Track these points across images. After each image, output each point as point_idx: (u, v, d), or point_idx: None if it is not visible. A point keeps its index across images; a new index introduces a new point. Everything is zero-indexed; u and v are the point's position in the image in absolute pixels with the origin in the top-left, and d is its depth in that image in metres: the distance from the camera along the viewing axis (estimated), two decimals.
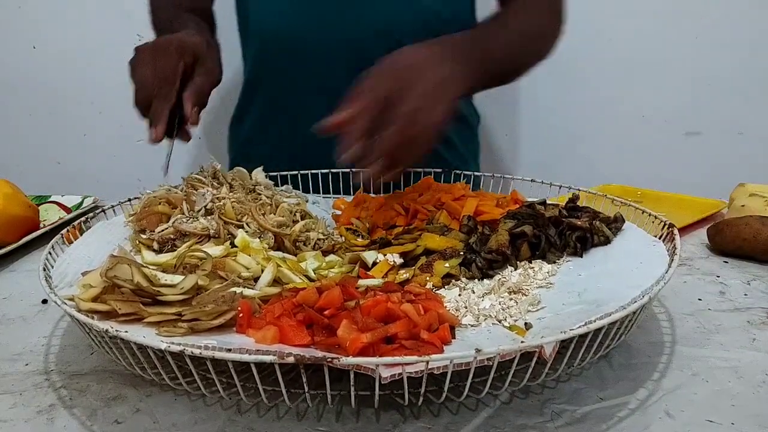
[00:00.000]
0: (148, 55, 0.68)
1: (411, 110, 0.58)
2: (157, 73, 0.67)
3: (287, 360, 0.36)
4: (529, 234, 0.58)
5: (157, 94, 0.67)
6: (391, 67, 0.62)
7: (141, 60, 0.68)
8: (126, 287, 0.46)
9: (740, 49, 1.30)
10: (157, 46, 0.70)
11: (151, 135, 0.67)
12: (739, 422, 0.42)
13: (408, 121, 0.58)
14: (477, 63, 0.70)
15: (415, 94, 0.59)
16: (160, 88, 0.67)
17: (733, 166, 1.29)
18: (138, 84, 0.68)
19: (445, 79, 0.62)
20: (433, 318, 0.44)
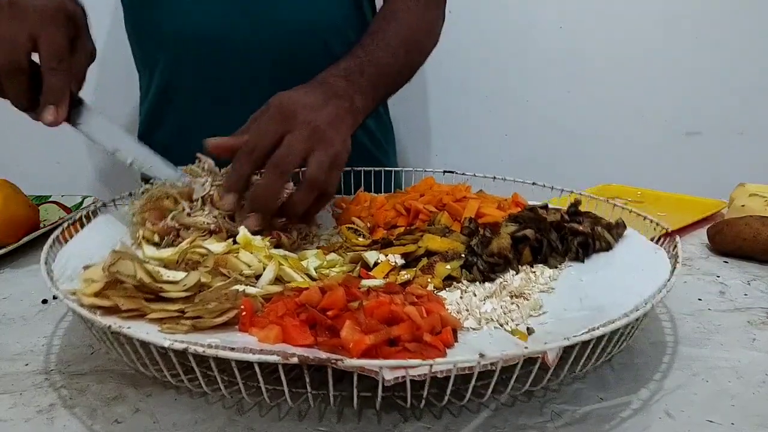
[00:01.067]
0: (24, 14, 0.58)
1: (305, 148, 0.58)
2: (47, 42, 0.58)
3: (291, 360, 0.36)
4: (531, 238, 0.58)
5: (53, 66, 0.58)
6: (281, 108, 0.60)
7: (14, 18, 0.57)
8: (129, 283, 0.46)
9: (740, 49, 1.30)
10: (37, 6, 0.58)
11: (46, 114, 0.59)
12: (739, 422, 0.42)
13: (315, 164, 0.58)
14: (367, 89, 0.69)
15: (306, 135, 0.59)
16: (57, 60, 0.58)
17: (733, 166, 1.29)
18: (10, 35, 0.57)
19: (338, 116, 0.62)
20: (436, 321, 0.44)
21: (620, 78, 1.35)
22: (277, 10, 0.85)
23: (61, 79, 0.59)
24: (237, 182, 0.60)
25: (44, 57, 0.58)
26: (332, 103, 0.63)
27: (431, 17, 0.87)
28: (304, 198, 0.60)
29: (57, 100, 0.59)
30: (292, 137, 0.58)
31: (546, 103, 1.38)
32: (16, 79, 0.58)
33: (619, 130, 1.39)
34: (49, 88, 0.59)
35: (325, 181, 0.59)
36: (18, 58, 0.57)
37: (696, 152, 1.37)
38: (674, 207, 0.85)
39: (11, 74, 0.58)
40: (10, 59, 0.57)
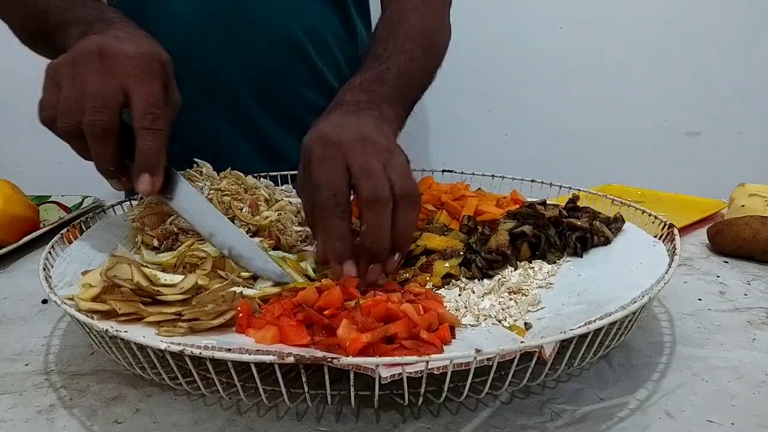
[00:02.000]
0: (115, 65, 0.50)
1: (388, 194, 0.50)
2: (142, 97, 0.50)
3: (287, 360, 0.36)
4: (529, 234, 0.58)
5: (147, 126, 0.50)
6: (322, 143, 0.52)
7: (104, 70, 0.50)
8: (126, 287, 0.46)
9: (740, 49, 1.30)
10: (129, 54, 0.51)
11: (141, 184, 0.51)
12: (739, 422, 0.42)
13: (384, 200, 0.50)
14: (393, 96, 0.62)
15: (369, 151, 0.51)
16: (152, 119, 0.50)
17: (733, 166, 1.29)
18: (94, 102, 0.49)
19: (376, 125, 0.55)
20: (433, 318, 0.44)
21: (620, 78, 1.35)
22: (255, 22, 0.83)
23: (156, 141, 0.51)
24: (345, 248, 0.51)
25: (138, 115, 0.50)
26: (364, 116, 0.56)
27: (441, 15, 0.81)
28: (412, 215, 0.51)
29: (152, 167, 0.51)
30: (361, 162, 0.49)
31: (546, 103, 1.39)
32: (106, 143, 0.50)
33: (619, 130, 1.39)
34: (143, 153, 0.50)
35: (416, 188, 0.52)
36: (109, 117, 0.49)
37: (696, 152, 1.37)
38: (674, 207, 0.85)
39: (102, 138, 0.49)
40: (100, 119, 0.49)
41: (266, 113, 0.88)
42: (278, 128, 0.89)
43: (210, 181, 0.67)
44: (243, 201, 0.66)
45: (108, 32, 0.53)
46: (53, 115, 0.50)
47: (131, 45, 0.51)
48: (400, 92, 0.64)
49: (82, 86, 0.49)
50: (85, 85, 0.49)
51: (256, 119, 0.88)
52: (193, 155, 0.71)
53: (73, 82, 0.49)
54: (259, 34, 0.83)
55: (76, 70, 0.50)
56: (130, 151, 0.51)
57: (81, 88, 0.49)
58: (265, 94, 0.86)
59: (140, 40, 0.53)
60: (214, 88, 0.84)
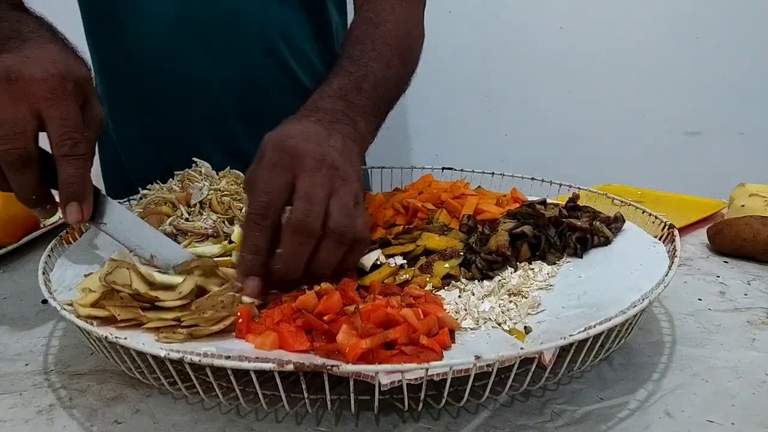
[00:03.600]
0: (25, 89, 0.46)
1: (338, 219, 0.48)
2: (58, 122, 0.47)
3: (287, 368, 0.36)
4: (529, 234, 0.58)
5: (67, 153, 0.47)
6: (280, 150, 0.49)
7: (14, 96, 0.46)
8: (125, 292, 0.46)
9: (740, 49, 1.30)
10: (39, 78, 0.47)
11: (70, 214, 0.49)
12: (739, 422, 0.42)
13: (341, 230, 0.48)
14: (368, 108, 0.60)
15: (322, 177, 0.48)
16: (71, 144, 0.47)
17: (733, 166, 1.29)
18: (4, 130, 0.46)
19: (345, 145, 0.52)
20: (433, 322, 0.44)
21: (620, 78, 1.35)
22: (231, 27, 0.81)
23: (79, 168, 0.48)
24: (255, 263, 0.48)
25: (56, 141, 0.47)
26: (336, 131, 0.53)
27: (417, 16, 0.77)
28: (335, 254, 0.49)
29: (79, 194, 0.49)
30: (306, 184, 0.47)
31: (546, 103, 1.39)
32: (25, 172, 0.47)
33: (619, 130, 1.39)
34: (66, 181, 0.48)
35: (355, 226, 0.49)
36: (24, 145, 0.46)
37: (696, 152, 1.37)
38: (674, 207, 0.85)
39: (18, 166, 0.47)
40: (15, 148, 0.46)
41: (241, 119, 0.87)
42: (251, 132, 0.87)
43: (209, 180, 0.68)
44: (242, 201, 0.66)
45: (19, 52, 0.49)
46: None
47: (41, 66, 0.47)
48: (376, 104, 0.61)
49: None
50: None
51: (231, 125, 0.87)
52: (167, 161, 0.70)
53: None
54: (235, 39, 0.82)
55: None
56: (52, 177, 0.48)
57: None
58: (240, 99, 0.86)
59: (53, 59, 0.49)
60: (189, 93, 0.84)
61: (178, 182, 0.68)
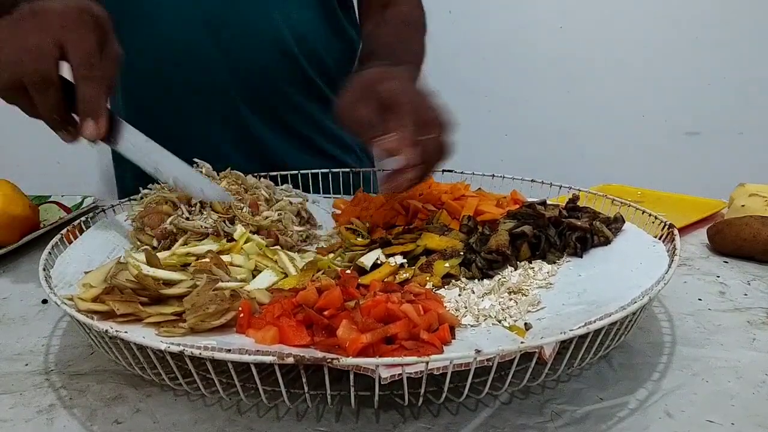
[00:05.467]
0: (47, 20, 0.52)
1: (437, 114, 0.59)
2: (76, 47, 0.52)
3: (287, 361, 0.36)
4: (529, 234, 0.58)
5: (85, 75, 0.52)
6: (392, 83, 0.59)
7: (37, 26, 0.52)
8: (127, 287, 0.46)
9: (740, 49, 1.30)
10: (59, 10, 0.53)
11: (86, 129, 0.54)
12: (739, 422, 0.42)
13: (441, 125, 0.58)
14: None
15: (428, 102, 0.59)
16: (88, 67, 0.52)
17: (733, 166, 1.30)
18: (31, 55, 0.51)
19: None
20: (433, 318, 0.44)
21: (620, 78, 1.35)
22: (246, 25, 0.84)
23: (95, 88, 0.53)
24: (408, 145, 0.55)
25: (75, 64, 0.52)
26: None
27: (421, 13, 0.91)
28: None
29: (94, 112, 0.54)
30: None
31: (546, 103, 1.39)
32: (48, 92, 0.52)
33: (619, 130, 1.39)
34: (84, 99, 0.53)
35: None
36: (47, 68, 0.51)
37: (696, 152, 1.37)
38: (674, 207, 0.85)
39: (42, 87, 0.52)
40: (39, 71, 0.51)
41: (256, 116, 0.89)
42: (268, 131, 0.91)
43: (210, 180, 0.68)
44: (243, 201, 0.66)
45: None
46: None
47: (61, 2, 0.53)
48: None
49: (19, 43, 0.52)
50: (21, 42, 0.52)
51: (246, 122, 0.89)
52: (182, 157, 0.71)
53: (11, 41, 0.52)
54: (249, 37, 0.84)
55: (12, 31, 0.52)
56: (73, 103, 0.54)
57: (18, 44, 0.52)
58: (255, 97, 0.88)
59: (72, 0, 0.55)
60: (204, 90, 0.85)
61: None
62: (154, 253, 0.51)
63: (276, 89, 0.89)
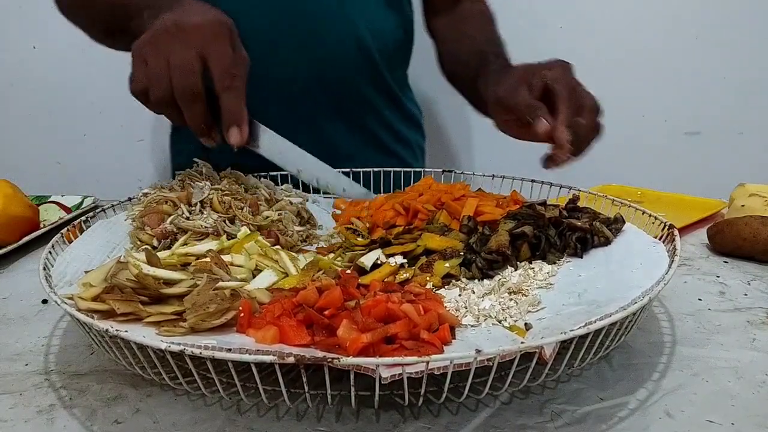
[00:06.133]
0: (189, 35, 0.56)
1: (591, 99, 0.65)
2: (218, 60, 0.56)
3: (287, 360, 0.36)
4: (529, 234, 0.58)
5: (227, 86, 0.56)
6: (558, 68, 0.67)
7: (181, 41, 0.56)
8: (128, 286, 0.46)
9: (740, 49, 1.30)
10: (200, 24, 0.57)
11: (232, 136, 0.58)
12: (739, 422, 0.42)
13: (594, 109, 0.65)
14: None
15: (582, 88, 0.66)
16: (230, 78, 0.56)
17: (733, 166, 1.29)
18: (180, 71, 0.55)
19: None
20: (433, 318, 0.44)
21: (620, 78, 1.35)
22: (324, 21, 0.85)
23: (236, 97, 0.57)
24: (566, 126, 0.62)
25: (218, 76, 0.56)
26: None
27: None
28: None
29: (238, 119, 0.58)
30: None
31: None
32: (195, 105, 0.56)
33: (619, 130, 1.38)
34: (227, 109, 0.57)
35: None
36: (194, 83, 0.55)
37: (696, 152, 1.37)
38: (674, 207, 0.85)
39: (190, 101, 0.56)
40: (187, 86, 0.55)
41: (326, 110, 0.90)
42: (337, 124, 0.92)
43: (210, 180, 0.68)
44: (243, 201, 0.66)
45: (177, 9, 0.60)
46: (144, 87, 0.57)
47: (200, 16, 0.58)
48: None
49: (165, 59, 0.55)
50: (168, 58, 0.55)
51: (322, 121, 0.90)
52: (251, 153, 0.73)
53: (157, 56, 0.55)
54: (327, 31, 0.86)
55: (158, 46, 0.56)
56: (213, 110, 0.57)
57: (165, 60, 0.55)
58: (327, 91, 0.89)
59: (206, 10, 0.59)
60: (277, 83, 0.86)
61: (179, 182, 0.68)
62: (154, 253, 0.51)
63: (349, 83, 0.90)
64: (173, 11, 0.59)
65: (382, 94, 0.96)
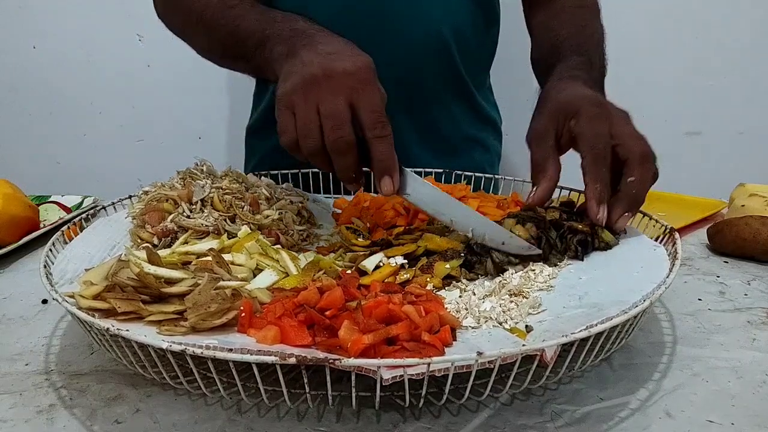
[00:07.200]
0: (340, 83, 0.53)
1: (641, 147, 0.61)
2: (369, 109, 0.54)
3: (289, 361, 0.36)
4: (533, 235, 0.58)
5: (378, 135, 0.54)
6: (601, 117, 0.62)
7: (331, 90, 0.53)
8: (129, 284, 0.46)
9: (740, 49, 1.30)
10: (350, 71, 0.54)
11: (384, 186, 0.56)
12: (739, 422, 0.42)
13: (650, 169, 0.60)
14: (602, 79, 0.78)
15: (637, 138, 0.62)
16: (381, 126, 0.54)
17: (733, 166, 1.29)
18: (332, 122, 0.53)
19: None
20: (434, 320, 0.44)
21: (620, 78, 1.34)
22: (404, 19, 0.83)
23: (388, 145, 0.54)
24: (605, 192, 0.59)
25: (368, 125, 0.54)
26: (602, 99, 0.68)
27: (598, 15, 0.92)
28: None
29: (390, 169, 0.55)
30: (624, 129, 0.63)
31: None
32: (347, 156, 0.54)
33: None
34: (379, 158, 0.55)
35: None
36: (348, 133, 0.53)
37: (696, 152, 1.37)
38: (674, 207, 0.85)
39: (343, 152, 0.54)
40: (341, 137, 0.53)
41: (406, 115, 0.88)
42: (415, 129, 0.90)
43: (211, 179, 0.68)
44: (244, 199, 0.66)
45: (314, 47, 0.57)
46: (294, 138, 0.55)
47: (349, 61, 0.55)
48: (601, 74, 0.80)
49: (315, 109, 0.53)
50: (318, 107, 0.53)
51: (395, 120, 0.88)
52: None
53: (307, 106, 0.53)
54: (407, 32, 0.83)
55: (306, 96, 0.54)
56: (362, 156, 0.55)
57: (315, 110, 0.53)
58: (403, 91, 0.85)
59: (352, 51, 0.57)
60: None
61: (180, 180, 0.68)
62: (155, 251, 0.51)
63: (427, 83, 0.87)
64: (311, 50, 0.57)
65: (459, 95, 0.93)
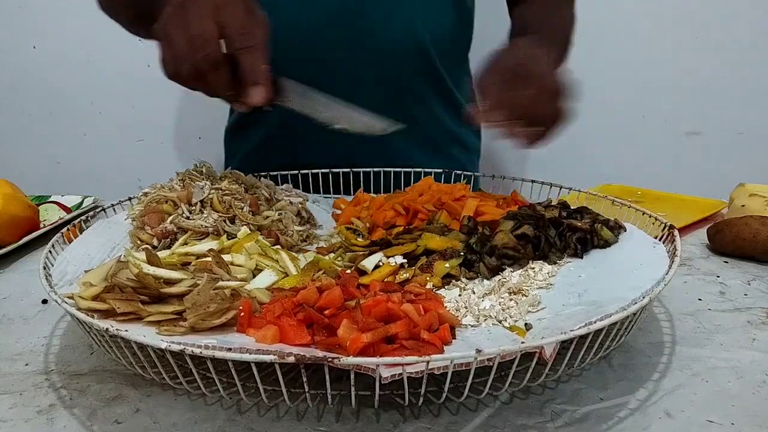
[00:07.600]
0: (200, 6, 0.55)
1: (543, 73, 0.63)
2: (233, 23, 0.55)
3: (288, 360, 0.36)
4: (530, 235, 0.58)
5: (245, 46, 0.56)
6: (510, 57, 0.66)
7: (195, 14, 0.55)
8: (128, 285, 0.46)
9: (740, 49, 1.30)
10: None
11: (255, 95, 0.57)
12: (739, 422, 0.42)
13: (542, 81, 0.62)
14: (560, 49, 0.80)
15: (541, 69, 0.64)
16: (247, 39, 0.55)
17: (733, 166, 1.29)
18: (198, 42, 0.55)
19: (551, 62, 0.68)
20: (434, 318, 0.44)
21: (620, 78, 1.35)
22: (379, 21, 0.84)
23: (256, 56, 0.56)
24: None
25: (235, 39, 0.55)
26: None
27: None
28: None
29: (259, 78, 0.57)
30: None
31: None
32: (219, 72, 0.56)
33: (618, 130, 1.39)
34: (248, 69, 0.56)
35: None
36: (214, 50, 0.55)
37: (696, 152, 1.37)
38: (674, 207, 0.85)
39: (213, 68, 0.55)
40: (209, 56, 0.55)
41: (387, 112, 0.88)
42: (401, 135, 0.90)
43: (210, 180, 0.68)
44: (244, 200, 0.66)
45: None
46: (173, 68, 0.57)
47: None
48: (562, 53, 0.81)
49: (184, 33, 0.55)
50: (186, 32, 0.55)
51: None
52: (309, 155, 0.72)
53: (176, 32, 0.56)
54: (384, 31, 0.84)
55: (176, 22, 0.56)
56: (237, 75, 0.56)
57: (184, 35, 0.55)
58: (383, 89, 0.87)
59: None
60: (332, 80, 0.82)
61: (179, 181, 0.68)
62: (155, 252, 0.51)
63: (405, 82, 0.88)
64: None
65: (438, 93, 0.94)
